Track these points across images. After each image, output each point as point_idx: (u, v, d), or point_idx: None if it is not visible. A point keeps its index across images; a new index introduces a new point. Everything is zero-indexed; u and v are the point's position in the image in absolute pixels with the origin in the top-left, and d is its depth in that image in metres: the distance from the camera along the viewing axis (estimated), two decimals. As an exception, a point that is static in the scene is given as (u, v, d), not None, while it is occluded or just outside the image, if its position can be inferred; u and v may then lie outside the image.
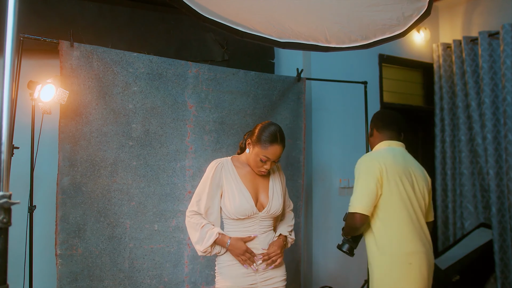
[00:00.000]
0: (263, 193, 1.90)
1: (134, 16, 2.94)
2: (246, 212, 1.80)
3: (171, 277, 2.52)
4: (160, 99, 2.57)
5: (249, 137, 1.90)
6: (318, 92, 3.58)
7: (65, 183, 2.28)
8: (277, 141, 1.80)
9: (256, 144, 1.83)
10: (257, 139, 1.82)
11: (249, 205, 1.80)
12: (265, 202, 1.87)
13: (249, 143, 1.87)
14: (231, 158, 1.94)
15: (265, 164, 1.82)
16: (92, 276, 2.32)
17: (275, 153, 1.80)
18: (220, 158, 1.95)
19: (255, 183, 1.90)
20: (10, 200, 0.84)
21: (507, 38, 3.46)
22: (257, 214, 1.83)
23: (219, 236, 1.77)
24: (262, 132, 1.82)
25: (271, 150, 1.79)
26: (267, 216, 1.87)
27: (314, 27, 1.80)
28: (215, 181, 1.85)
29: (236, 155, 1.99)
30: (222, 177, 1.85)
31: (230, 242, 1.77)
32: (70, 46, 2.31)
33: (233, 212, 1.80)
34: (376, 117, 2.24)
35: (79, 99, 2.34)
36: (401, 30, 1.89)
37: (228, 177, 1.85)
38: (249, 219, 1.82)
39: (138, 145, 2.49)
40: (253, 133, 1.88)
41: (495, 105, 3.62)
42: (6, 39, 0.86)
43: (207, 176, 1.87)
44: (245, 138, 1.99)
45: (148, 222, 2.48)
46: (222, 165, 1.88)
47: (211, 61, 3.12)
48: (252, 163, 1.86)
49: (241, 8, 1.67)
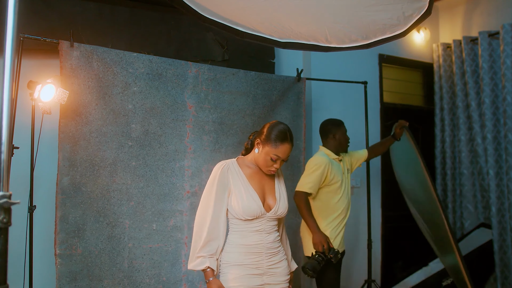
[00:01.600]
0: (270, 194, 1.89)
1: (134, 16, 2.94)
2: (254, 213, 1.79)
3: (169, 276, 2.52)
4: (160, 99, 2.57)
5: (258, 137, 1.88)
6: (318, 92, 3.58)
7: (65, 183, 2.28)
8: (288, 140, 1.81)
9: (266, 143, 1.83)
10: (267, 138, 1.82)
11: (257, 206, 1.80)
12: (272, 203, 1.87)
13: (258, 143, 1.86)
14: (236, 160, 1.92)
15: (275, 163, 1.83)
16: (92, 276, 2.32)
17: (286, 152, 1.81)
18: (219, 158, 1.95)
19: (262, 183, 1.89)
20: (10, 200, 0.84)
21: (507, 38, 3.46)
22: (265, 214, 1.83)
23: (207, 270, 1.78)
24: (272, 131, 1.83)
25: (281, 148, 1.80)
26: (274, 217, 1.86)
27: (314, 27, 1.80)
28: (221, 182, 1.82)
29: (241, 156, 1.97)
30: (229, 178, 1.83)
31: (211, 280, 1.78)
32: (70, 46, 2.31)
33: (241, 213, 1.79)
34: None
35: (79, 99, 2.34)
36: (401, 30, 1.89)
37: (235, 178, 1.84)
38: (257, 220, 1.82)
39: (138, 145, 2.49)
40: (261, 132, 1.87)
41: (495, 105, 3.62)
42: (6, 39, 0.86)
43: (214, 178, 1.84)
44: (251, 138, 1.97)
45: (146, 221, 2.48)
46: (228, 167, 1.85)
47: (211, 61, 3.12)
48: (262, 163, 1.85)
49: (241, 8, 1.67)
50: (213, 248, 1.79)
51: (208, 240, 1.78)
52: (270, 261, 1.84)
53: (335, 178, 2.55)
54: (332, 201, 2.55)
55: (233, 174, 1.84)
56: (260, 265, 1.82)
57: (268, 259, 1.84)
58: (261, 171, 1.91)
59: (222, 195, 1.83)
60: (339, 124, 2.75)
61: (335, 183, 2.55)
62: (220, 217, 1.82)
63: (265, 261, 1.83)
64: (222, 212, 1.82)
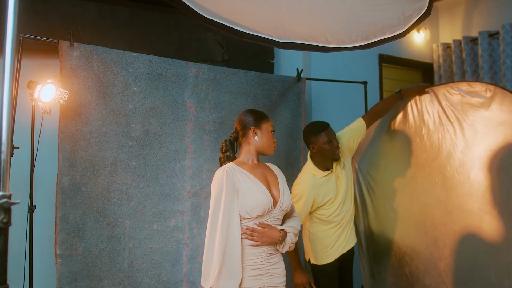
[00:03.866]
0: (274, 185, 1.90)
1: (134, 16, 2.95)
2: (266, 208, 1.78)
3: (170, 276, 2.52)
4: (160, 99, 2.57)
5: (247, 128, 1.92)
6: (318, 92, 3.58)
7: (65, 183, 2.28)
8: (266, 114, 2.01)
9: (260, 124, 1.93)
10: (258, 120, 1.94)
11: (267, 199, 1.80)
12: (277, 195, 1.87)
13: (253, 130, 1.91)
14: (232, 162, 1.91)
15: (273, 136, 1.97)
16: (92, 276, 2.32)
17: (272, 122, 2.00)
18: (218, 158, 1.97)
19: (264, 175, 1.91)
20: (10, 200, 0.84)
21: (507, 38, 3.46)
22: (272, 210, 1.83)
23: None
24: (252, 113, 1.96)
25: (270, 120, 1.99)
26: (279, 213, 1.87)
27: (314, 27, 1.80)
28: (229, 184, 1.78)
29: (232, 161, 1.94)
30: (235, 178, 1.80)
31: None
32: (70, 46, 2.31)
33: (254, 208, 1.76)
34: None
35: (79, 99, 2.34)
36: (401, 30, 1.89)
37: (241, 177, 1.82)
38: (265, 217, 1.81)
39: (138, 145, 2.49)
40: (247, 122, 1.93)
41: (495, 105, 3.62)
42: (6, 39, 0.86)
43: (221, 184, 1.79)
44: (225, 145, 1.96)
45: (147, 222, 2.48)
46: (231, 169, 1.84)
47: (211, 61, 3.12)
48: (267, 143, 1.93)
49: (241, 8, 1.68)
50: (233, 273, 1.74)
51: (223, 258, 1.72)
52: (270, 262, 1.84)
53: (326, 197, 2.40)
54: (326, 214, 2.45)
55: (236, 174, 1.83)
56: (261, 266, 1.81)
57: (268, 260, 1.84)
58: (259, 166, 1.93)
59: (232, 197, 1.78)
60: (317, 131, 2.37)
61: (327, 201, 2.42)
62: (235, 226, 1.76)
63: (265, 261, 1.83)
64: (237, 218, 1.77)
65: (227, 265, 1.72)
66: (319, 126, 2.41)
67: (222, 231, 1.73)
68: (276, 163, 2.87)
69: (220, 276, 1.72)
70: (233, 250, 1.74)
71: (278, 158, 2.94)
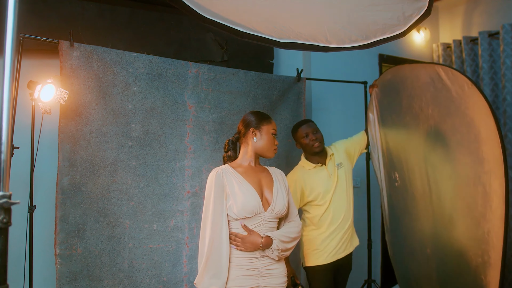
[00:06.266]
0: (268, 188, 1.89)
1: (134, 16, 2.94)
2: (253, 209, 1.78)
3: (170, 276, 2.52)
4: (160, 99, 2.57)
5: (247, 129, 1.92)
6: (318, 92, 3.58)
7: (65, 183, 2.28)
8: (269, 116, 2.00)
9: (261, 125, 1.93)
10: (259, 121, 1.93)
11: (256, 201, 1.79)
12: (269, 197, 1.86)
13: (253, 131, 1.91)
14: (228, 164, 1.93)
15: (275, 139, 1.95)
16: (92, 276, 2.32)
17: (275, 125, 1.99)
18: (219, 158, 1.97)
19: (258, 178, 1.89)
20: (10, 200, 0.84)
21: (507, 38, 3.46)
22: (263, 213, 1.82)
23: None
24: (255, 115, 1.96)
25: (273, 123, 1.97)
26: (272, 216, 1.85)
27: (314, 27, 1.80)
28: (218, 186, 1.81)
29: (229, 163, 1.96)
30: (224, 180, 1.83)
31: None
32: (70, 46, 2.31)
33: (240, 210, 1.77)
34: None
35: (79, 99, 2.34)
36: (401, 30, 1.89)
37: (231, 179, 1.83)
38: (255, 218, 1.80)
39: (138, 145, 2.49)
40: (248, 123, 1.94)
41: (495, 105, 3.62)
42: (6, 39, 0.86)
43: (210, 185, 1.84)
44: (230, 142, 1.98)
45: (147, 222, 2.48)
46: (222, 170, 1.86)
47: (210, 61, 3.12)
48: (267, 144, 1.92)
49: (240, 8, 1.67)
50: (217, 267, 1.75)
51: (208, 256, 1.75)
52: (266, 262, 1.83)
53: (315, 190, 2.44)
54: (315, 213, 2.47)
55: (227, 175, 1.84)
56: (256, 266, 1.81)
57: (263, 260, 1.82)
58: (255, 168, 1.92)
59: (221, 199, 1.81)
60: (296, 128, 2.56)
61: (316, 196, 2.44)
62: (222, 227, 1.79)
63: (260, 262, 1.82)
64: (224, 219, 1.79)
65: (212, 264, 1.75)
66: (298, 123, 2.60)
67: (211, 231, 1.77)
68: (276, 163, 2.88)
69: (205, 274, 1.74)
70: (219, 249, 1.76)
71: (278, 158, 2.94)
